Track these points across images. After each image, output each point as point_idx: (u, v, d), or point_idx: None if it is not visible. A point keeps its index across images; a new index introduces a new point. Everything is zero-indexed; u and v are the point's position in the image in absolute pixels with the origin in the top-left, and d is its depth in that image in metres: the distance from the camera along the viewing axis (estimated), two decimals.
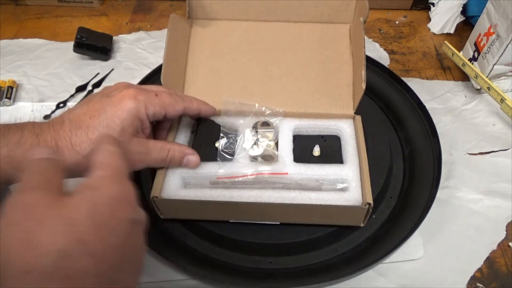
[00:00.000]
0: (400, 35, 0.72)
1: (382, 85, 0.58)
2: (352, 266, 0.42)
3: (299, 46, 0.53)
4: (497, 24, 0.55)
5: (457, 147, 0.55)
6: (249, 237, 0.44)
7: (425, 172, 0.49)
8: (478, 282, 0.43)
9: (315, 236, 0.44)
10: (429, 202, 0.45)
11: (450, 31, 0.71)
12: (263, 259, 0.43)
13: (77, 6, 0.78)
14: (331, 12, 0.53)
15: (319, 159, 0.47)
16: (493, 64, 0.57)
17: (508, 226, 0.47)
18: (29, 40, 0.71)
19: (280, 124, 0.47)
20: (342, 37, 0.53)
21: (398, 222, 0.45)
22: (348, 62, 0.51)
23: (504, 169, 0.53)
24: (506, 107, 0.56)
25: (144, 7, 0.78)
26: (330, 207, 0.40)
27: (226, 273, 0.42)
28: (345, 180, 0.43)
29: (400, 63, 0.67)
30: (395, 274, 0.43)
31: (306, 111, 0.48)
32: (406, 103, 0.56)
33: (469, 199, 0.50)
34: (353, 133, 0.47)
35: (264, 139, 0.45)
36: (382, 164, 0.48)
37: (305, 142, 0.47)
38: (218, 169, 0.43)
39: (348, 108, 0.48)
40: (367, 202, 0.39)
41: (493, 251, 0.45)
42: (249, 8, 0.53)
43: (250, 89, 0.50)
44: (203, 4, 0.53)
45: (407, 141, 0.53)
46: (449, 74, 0.65)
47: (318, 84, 0.50)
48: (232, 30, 0.54)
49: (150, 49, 0.70)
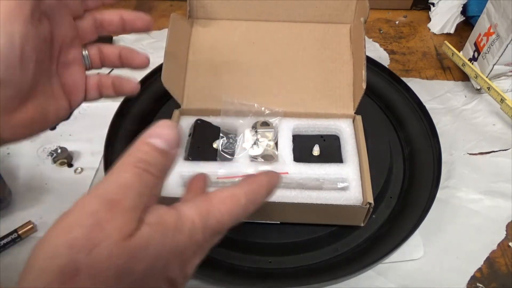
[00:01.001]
0: (400, 35, 0.72)
1: (382, 85, 0.58)
2: (352, 266, 0.42)
3: (300, 46, 0.53)
4: (497, 24, 0.55)
5: (457, 147, 0.55)
6: (249, 236, 0.44)
7: (425, 172, 0.49)
8: (478, 282, 0.43)
9: (315, 236, 0.44)
10: (429, 202, 0.45)
11: (450, 31, 0.71)
12: (263, 259, 0.43)
13: None
14: (331, 12, 0.53)
15: (318, 158, 0.47)
16: (493, 64, 0.57)
17: (508, 226, 0.47)
18: None
19: (280, 124, 0.47)
20: (343, 37, 0.53)
21: (398, 222, 0.45)
22: (348, 62, 0.51)
23: (504, 169, 0.53)
24: (506, 107, 0.56)
25: (144, 7, 0.78)
26: (330, 206, 0.40)
27: (226, 273, 0.42)
28: (345, 180, 0.43)
29: (400, 63, 0.67)
30: (395, 274, 0.43)
31: (306, 111, 0.48)
32: (406, 103, 0.56)
33: (469, 199, 0.50)
34: (352, 133, 0.47)
35: (264, 139, 0.45)
36: (382, 164, 0.48)
37: (305, 142, 0.47)
38: (218, 169, 0.43)
39: (348, 108, 0.48)
40: (368, 202, 0.39)
41: (493, 251, 0.45)
42: (249, 8, 0.53)
43: (250, 89, 0.50)
44: (204, 3, 0.53)
45: (407, 141, 0.53)
46: (449, 74, 0.65)
47: (318, 84, 0.50)
48: (233, 30, 0.54)
49: (150, 49, 0.70)
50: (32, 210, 0.48)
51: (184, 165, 0.44)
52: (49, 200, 0.49)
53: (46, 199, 0.49)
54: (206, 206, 0.23)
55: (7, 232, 0.45)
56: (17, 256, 0.45)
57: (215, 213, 0.23)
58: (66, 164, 0.52)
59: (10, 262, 0.44)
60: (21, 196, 0.49)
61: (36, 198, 0.49)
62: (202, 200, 0.23)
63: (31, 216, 0.47)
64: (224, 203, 0.23)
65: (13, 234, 0.44)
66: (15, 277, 0.22)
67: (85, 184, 0.50)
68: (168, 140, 0.22)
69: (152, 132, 0.22)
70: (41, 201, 0.48)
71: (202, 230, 0.22)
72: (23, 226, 0.45)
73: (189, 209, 0.22)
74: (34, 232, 0.46)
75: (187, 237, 0.21)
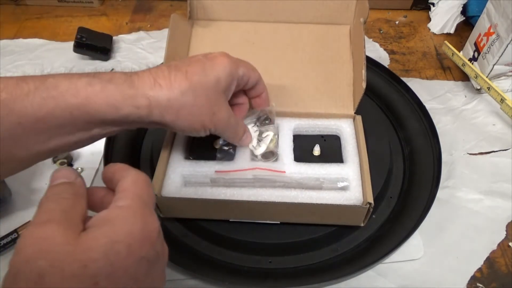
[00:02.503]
0: (400, 35, 0.72)
1: (382, 85, 0.58)
2: (352, 266, 0.42)
3: (300, 47, 0.53)
4: (497, 24, 0.55)
5: (457, 147, 0.55)
6: (249, 236, 0.44)
7: (425, 172, 0.49)
8: (478, 282, 0.43)
9: (315, 236, 0.44)
10: (429, 202, 0.45)
11: (450, 31, 0.71)
12: (263, 259, 0.43)
13: (77, 6, 0.78)
14: (331, 13, 0.53)
15: (319, 158, 0.47)
16: (493, 64, 0.57)
17: (508, 226, 0.47)
18: (29, 40, 0.71)
19: (280, 124, 0.47)
20: (342, 38, 0.53)
21: (398, 222, 0.45)
22: (348, 62, 0.51)
23: (504, 169, 0.53)
24: (506, 107, 0.56)
25: (144, 7, 0.78)
26: (331, 206, 0.40)
27: (226, 272, 0.42)
28: (345, 179, 0.43)
29: (400, 63, 0.67)
30: (395, 274, 0.43)
31: (306, 111, 0.48)
32: (406, 103, 0.56)
33: (469, 199, 0.50)
34: (353, 133, 0.47)
35: (267, 134, 0.45)
36: (382, 164, 0.48)
37: (305, 142, 0.48)
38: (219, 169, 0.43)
39: (348, 108, 0.48)
40: (368, 202, 0.39)
41: (493, 251, 0.45)
42: (250, 9, 0.53)
43: None
44: (204, 4, 0.53)
45: (407, 141, 0.53)
46: (449, 74, 0.65)
47: (319, 84, 0.50)
48: (233, 30, 0.54)
49: (150, 49, 0.70)
50: (32, 210, 0.48)
51: (185, 164, 0.44)
52: None
53: None
54: (130, 192, 0.26)
55: (7, 232, 0.45)
56: None
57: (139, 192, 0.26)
58: (66, 164, 0.52)
59: None
60: (21, 196, 0.49)
61: (36, 198, 0.49)
62: (121, 191, 0.26)
63: (31, 216, 0.46)
64: (137, 183, 0.27)
65: (13, 234, 0.44)
66: None
67: None
68: (66, 176, 0.26)
69: (51, 179, 0.27)
70: None
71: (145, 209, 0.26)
72: (23, 226, 0.45)
73: (122, 201, 0.25)
74: None
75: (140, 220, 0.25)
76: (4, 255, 0.44)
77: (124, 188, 0.26)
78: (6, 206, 0.48)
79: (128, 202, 0.25)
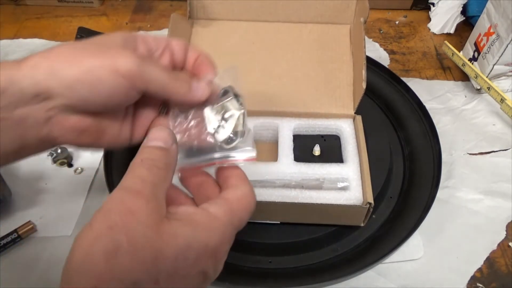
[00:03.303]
0: (400, 35, 0.72)
1: (382, 85, 0.58)
2: (352, 266, 0.42)
3: (300, 46, 0.53)
4: (497, 24, 0.55)
5: (457, 147, 0.55)
6: (249, 236, 0.44)
7: (425, 172, 0.49)
8: (478, 282, 0.43)
9: (315, 236, 0.44)
10: (429, 202, 0.45)
11: (450, 31, 0.71)
12: (263, 259, 0.43)
13: (77, 6, 0.78)
14: (331, 13, 0.53)
15: (319, 158, 0.47)
16: (493, 64, 0.57)
17: (508, 226, 0.47)
18: (29, 40, 0.71)
19: (280, 124, 0.47)
20: (343, 37, 0.53)
21: (398, 222, 0.45)
22: (349, 62, 0.51)
23: (504, 169, 0.53)
24: (506, 107, 0.56)
25: (144, 7, 0.78)
26: (331, 206, 0.40)
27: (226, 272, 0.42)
28: (345, 179, 0.43)
29: (400, 63, 0.67)
30: (395, 274, 0.43)
31: (306, 111, 0.48)
32: (406, 103, 0.56)
33: (469, 199, 0.50)
34: (353, 133, 0.47)
35: (230, 115, 0.31)
36: (382, 164, 0.48)
37: (305, 142, 0.48)
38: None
39: (348, 108, 0.48)
40: (368, 202, 0.39)
41: (493, 251, 0.45)
42: (250, 8, 0.53)
43: (250, 89, 0.50)
44: (204, 4, 0.53)
45: (407, 141, 0.53)
46: (449, 74, 0.65)
47: (319, 84, 0.50)
48: (233, 30, 0.54)
49: None
50: (32, 210, 0.48)
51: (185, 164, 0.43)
52: (49, 200, 0.49)
53: (46, 199, 0.49)
54: (228, 206, 0.25)
55: (7, 232, 0.45)
56: (17, 256, 0.44)
57: (236, 212, 0.26)
58: (66, 164, 0.52)
59: (10, 262, 0.44)
60: (21, 196, 0.49)
61: (36, 198, 0.49)
62: (223, 200, 0.26)
63: (31, 216, 0.47)
64: (240, 202, 0.26)
65: (13, 234, 0.44)
66: (15, 277, 0.22)
67: (85, 184, 0.50)
68: (164, 139, 0.25)
69: (149, 137, 0.26)
70: (41, 201, 0.48)
71: (230, 229, 0.25)
72: (23, 226, 0.45)
73: (216, 210, 0.25)
74: (34, 232, 0.46)
75: (219, 237, 0.24)
76: (4, 255, 0.44)
77: (227, 198, 0.26)
78: (6, 206, 0.48)
79: (220, 214, 0.25)
